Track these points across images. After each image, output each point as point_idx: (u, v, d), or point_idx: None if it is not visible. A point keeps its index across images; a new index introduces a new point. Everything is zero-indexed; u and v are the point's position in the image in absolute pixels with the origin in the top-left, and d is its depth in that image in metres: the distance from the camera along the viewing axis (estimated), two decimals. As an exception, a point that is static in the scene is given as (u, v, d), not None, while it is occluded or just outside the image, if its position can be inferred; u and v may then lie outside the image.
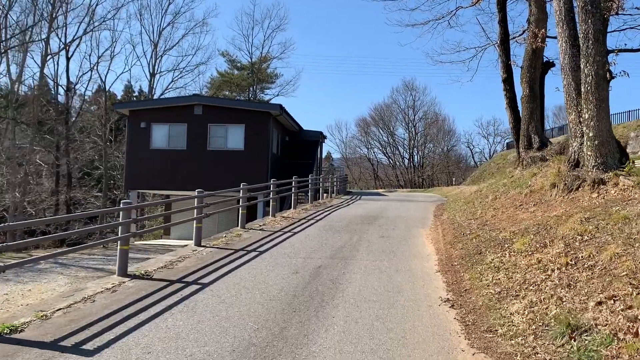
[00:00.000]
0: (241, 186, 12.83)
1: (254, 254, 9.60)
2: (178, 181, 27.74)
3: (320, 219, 14.63)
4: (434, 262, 9.12)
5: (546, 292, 5.98)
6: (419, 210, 17.67)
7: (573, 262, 6.51)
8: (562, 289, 5.93)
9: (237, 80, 46.04)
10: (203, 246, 10.26)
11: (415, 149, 77.55)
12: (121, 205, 8.13)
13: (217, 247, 10.20)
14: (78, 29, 40.60)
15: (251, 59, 46.52)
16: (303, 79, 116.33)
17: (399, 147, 78.50)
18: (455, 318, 5.98)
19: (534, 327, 5.31)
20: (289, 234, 11.99)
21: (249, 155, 27.64)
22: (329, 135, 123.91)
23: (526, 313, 5.67)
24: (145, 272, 8.03)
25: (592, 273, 6.03)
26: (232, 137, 28.18)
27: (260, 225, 13.16)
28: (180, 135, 28.32)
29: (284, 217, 14.95)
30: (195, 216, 10.32)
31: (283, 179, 30.03)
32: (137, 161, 28.02)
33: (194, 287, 7.27)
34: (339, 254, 9.61)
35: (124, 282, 7.49)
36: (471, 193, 18.55)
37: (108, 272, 13.84)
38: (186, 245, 10.74)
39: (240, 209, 12.65)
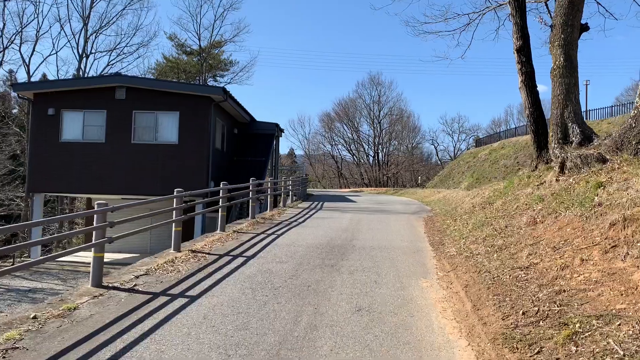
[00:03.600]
0: (95, 206, 6.63)
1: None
2: (94, 183, 21.34)
3: (253, 256, 8.61)
4: None
5: None
6: (404, 231, 11.88)
7: None
8: None
9: (184, 66, 39.27)
10: None
11: (380, 146, 72.29)
12: None
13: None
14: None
15: (199, 41, 39.75)
16: (263, 71, 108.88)
17: (364, 144, 73.12)
18: None
19: None
20: (180, 301, 5.94)
21: (184, 150, 21.49)
22: (291, 131, 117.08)
23: None
24: None
25: None
26: (164, 128, 21.95)
27: (134, 277, 7.00)
28: (98, 125, 21.94)
29: (194, 251, 8.84)
30: None
31: (228, 180, 23.95)
32: (43, 157, 21.50)
33: None
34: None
35: None
36: (473, 205, 12.89)
37: None
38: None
39: (93, 250, 6.47)
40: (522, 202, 10.18)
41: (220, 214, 11.07)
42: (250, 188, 13.45)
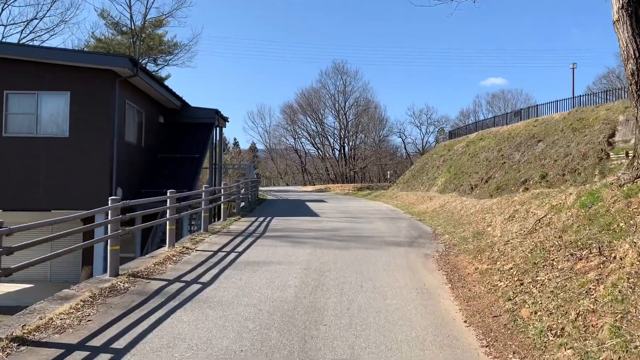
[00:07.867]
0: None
1: None
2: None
3: None
4: None
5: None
6: (420, 321, 5.27)
7: None
8: None
9: (117, 48, 31.72)
10: None
11: (346, 139, 65.88)
12: None
13: None
14: None
15: (130, 12, 32.03)
16: (214, 58, 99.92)
17: (329, 137, 66.56)
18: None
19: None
20: None
21: (78, 146, 14.47)
22: (250, 124, 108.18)
23: None
24: None
25: None
26: (49, 115, 14.89)
27: None
28: (-46, 111, 14.71)
29: None
30: None
31: (149, 188, 16.98)
32: None
33: None
34: None
35: None
36: (541, 243, 6.48)
37: None
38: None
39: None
40: None
41: None
42: (109, 215, 6.42)
